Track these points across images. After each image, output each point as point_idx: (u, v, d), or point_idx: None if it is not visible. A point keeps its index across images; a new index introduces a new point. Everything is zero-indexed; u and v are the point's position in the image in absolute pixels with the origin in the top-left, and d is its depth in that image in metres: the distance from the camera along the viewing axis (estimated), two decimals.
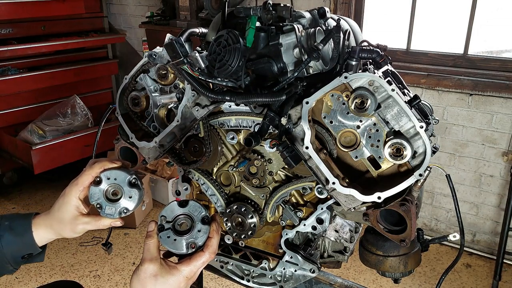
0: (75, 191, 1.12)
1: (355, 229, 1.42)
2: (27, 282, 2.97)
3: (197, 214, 1.05)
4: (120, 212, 1.12)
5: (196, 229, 1.04)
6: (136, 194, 1.11)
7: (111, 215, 1.11)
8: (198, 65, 1.14)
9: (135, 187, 1.12)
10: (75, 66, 4.30)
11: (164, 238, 1.03)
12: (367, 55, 1.25)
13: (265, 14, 1.14)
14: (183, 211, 1.06)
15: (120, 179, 1.11)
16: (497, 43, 3.25)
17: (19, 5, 3.74)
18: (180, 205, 1.06)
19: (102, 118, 1.42)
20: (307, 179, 1.24)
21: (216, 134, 1.32)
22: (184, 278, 0.99)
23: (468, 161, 3.14)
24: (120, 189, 1.11)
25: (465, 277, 3.02)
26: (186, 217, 1.06)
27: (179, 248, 1.03)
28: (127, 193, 1.11)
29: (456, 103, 3.07)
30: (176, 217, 1.05)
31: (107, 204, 1.11)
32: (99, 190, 1.11)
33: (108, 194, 1.12)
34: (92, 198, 1.11)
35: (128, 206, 1.11)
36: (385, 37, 3.63)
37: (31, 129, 3.78)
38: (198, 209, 1.06)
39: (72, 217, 1.12)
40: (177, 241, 1.03)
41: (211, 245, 1.03)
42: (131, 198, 1.11)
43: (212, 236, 1.04)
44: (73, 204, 1.12)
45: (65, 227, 1.13)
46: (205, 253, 1.02)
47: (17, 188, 4.21)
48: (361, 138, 1.12)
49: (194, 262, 1.01)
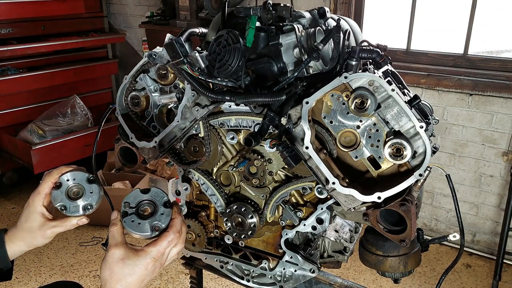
0: (38, 199, 1.17)
1: (355, 229, 1.42)
2: (26, 282, 2.97)
3: (159, 199, 1.08)
4: (84, 208, 1.16)
5: (159, 213, 1.07)
6: (96, 188, 1.17)
7: (76, 212, 1.16)
8: (198, 65, 1.14)
9: (95, 183, 1.17)
10: (75, 66, 4.30)
11: (128, 222, 1.05)
12: (367, 55, 1.25)
13: (265, 14, 1.14)
14: (145, 197, 1.09)
15: (78, 179, 1.17)
16: (497, 43, 3.25)
17: (19, 5, 3.74)
18: (142, 192, 1.09)
19: (102, 118, 1.42)
20: (307, 179, 1.24)
21: (216, 134, 1.32)
22: (152, 259, 1.01)
23: (468, 161, 3.14)
24: (80, 187, 1.17)
25: (465, 277, 3.02)
26: (148, 203, 1.08)
27: (144, 230, 1.05)
28: (88, 189, 1.16)
29: (456, 103, 3.07)
30: (139, 203, 1.08)
31: (71, 203, 1.16)
32: (60, 192, 1.16)
33: (70, 194, 1.16)
34: (55, 201, 1.15)
35: (91, 202, 1.16)
36: (385, 37, 3.63)
37: (31, 129, 3.78)
38: (160, 195, 1.09)
39: (39, 224, 1.17)
40: (141, 225, 1.05)
41: (174, 225, 1.05)
42: (92, 193, 1.17)
43: (175, 217, 1.06)
44: (38, 212, 1.17)
45: (36, 235, 1.18)
46: (169, 233, 1.04)
47: (17, 188, 4.21)
48: (361, 138, 1.12)
49: (160, 242, 1.03)
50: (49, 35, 4.12)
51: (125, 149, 1.39)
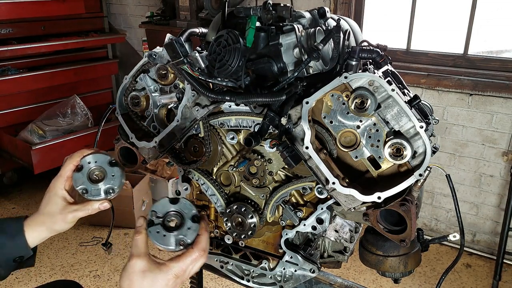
0: (59, 182, 1.14)
1: (355, 229, 1.42)
2: (27, 282, 2.97)
3: (187, 212, 1.05)
4: (106, 192, 1.13)
5: (186, 227, 1.03)
6: (119, 171, 1.14)
7: (98, 196, 1.13)
8: (198, 65, 1.14)
9: (117, 165, 1.14)
10: (75, 66, 4.30)
11: (153, 233, 1.02)
12: (367, 55, 1.25)
13: (265, 14, 1.14)
14: (174, 208, 1.05)
15: (100, 161, 1.14)
16: (497, 43, 3.25)
17: (19, 5, 3.74)
18: (171, 202, 1.06)
19: (102, 118, 1.42)
20: (307, 179, 1.24)
21: (216, 134, 1.32)
22: (173, 275, 0.98)
23: (468, 161, 3.14)
24: (102, 170, 1.13)
25: (465, 277, 3.02)
26: (176, 214, 1.05)
27: (168, 244, 1.01)
28: (110, 172, 1.13)
29: (456, 103, 3.07)
30: (166, 213, 1.04)
31: (92, 186, 1.12)
32: (82, 175, 1.12)
33: (92, 176, 1.13)
34: (76, 183, 1.12)
35: (113, 185, 1.13)
36: (385, 37, 3.63)
37: (31, 129, 3.78)
38: (188, 207, 1.05)
39: (61, 208, 1.13)
40: (166, 237, 1.01)
41: (200, 242, 1.02)
42: (114, 177, 1.13)
43: (202, 234, 1.03)
44: (59, 196, 1.14)
45: (56, 219, 1.14)
46: (194, 250, 1.00)
47: (17, 188, 4.21)
48: (361, 138, 1.12)
49: (184, 258, 0.99)
50: (49, 35, 4.12)
51: (125, 149, 1.39)
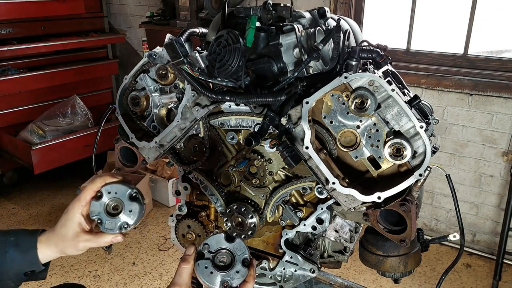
0: (77, 206, 1.11)
1: (355, 229, 1.42)
2: (27, 282, 2.97)
3: (240, 254, 1.03)
4: (121, 227, 1.10)
5: (235, 269, 1.01)
6: (137, 208, 1.09)
7: (111, 230, 1.09)
8: (198, 65, 1.13)
9: (136, 201, 1.10)
10: (75, 66, 4.30)
11: (201, 267, 1.00)
12: (367, 55, 1.25)
13: (265, 14, 1.14)
14: (227, 246, 1.03)
15: (120, 193, 1.10)
16: (497, 43, 3.25)
17: (19, 5, 3.74)
18: (226, 239, 1.04)
19: (102, 118, 1.42)
20: (307, 179, 1.24)
21: (216, 134, 1.32)
22: None
23: (468, 161, 3.14)
24: (121, 203, 1.10)
25: (465, 277, 3.02)
26: (228, 253, 1.03)
27: (213, 282, 1.00)
28: (127, 207, 1.09)
29: (456, 103, 3.07)
30: (219, 250, 1.02)
31: (107, 219, 1.09)
32: (99, 205, 1.09)
33: (109, 208, 1.10)
34: (92, 213, 1.10)
35: (128, 221, 1.09)
36: (385, 37, 3.63)
37: (31, 129, 3.78)
38: (242, 249, 1.03)
39: (74, 234, 1.11)
40: (213, 275, 1.00)
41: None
42: (131, 212, 1.09)
43: (248, 281, 1.01)
44: (75, 221, 1.11)
45: (68, 244, 1.12)
46: None
47: (17, 188, 4.21)
48: (361, 138, 1.12)
49: None
50: (49, 35, 4.13)
51: (125, 149, 1.39)
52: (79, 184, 3.73)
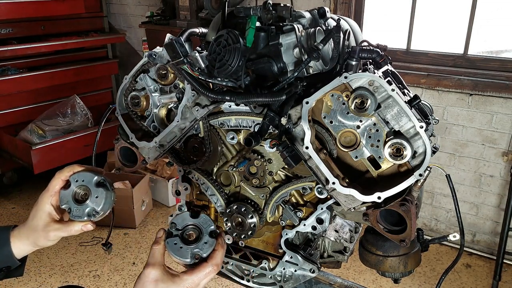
0: (46, 197, 1.12)
1: (355, 229, 1.42)
2: (26, 282, 2.97)
3: (206, 227, 1.07)
4: (89, 214, 1.10)
5: (203, 241, 1.05)
6: (103, 193, 1.10)
7: (79, 217, 1.10)
8: (198, 65, 1.13)
9: (103, 187, 1.11)
10: (75, 66, 4.31)
11: (171, 244, 1.04)
12: (367, 55, 1.25)
13: (265, 14, 1.14)
14: (193, 221, 1.07)
15: (87, 180, 1.11)
16: (497, 43, 3.25)
17: (19, 5, 3.75)
18: (192, 216, 1.08)
19: (102, 118, 1.42)
20: (307, 179, 1.24)
21: (216, 134, 1.32)
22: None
23: (468, 161, 3.14)
24: (88, 190, 1.10)
25: (465, 277, 3.02)
26: (195, 228, 1.07)
27: (184, 256, 1.03)
28: (94, 193, 1.10)
29: (456, 103, 3.07)
30: (185, 226, 1.07)
31: (75, 206, 1.10)
32: (68, 193, 1.10)
33: (78, 196, 1.11)
34: (62, 202, 1.10)
35: (96, 207, 1.10)
36: (385, 37, 3.64)
37: (31, 129, 3.79)
38: (208, 223, 1.08)
39: (44, 224, 1.11)
40: (183, 249, 1.03)
41: (215, 257, 1.04)
42: (97, 198, 1.10)
43: (217, 249, 1.05)
44: (45, 211, 1.11)
45: (39, 235, 1.12)
46: (208, 264, 1.02)
47: (17, 188, 4.21)
48: (361, 138, 1.12)
49: (197, 272, 1.01)
50: (49, 35, 4.13)
51: (125, 149, 1.39)
52: None
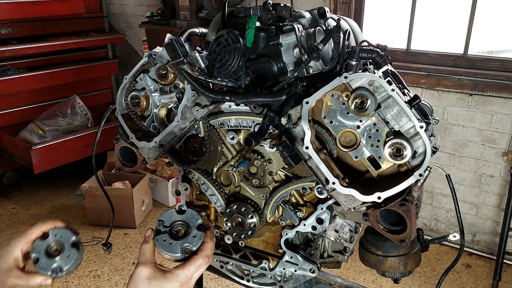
0: (20, 242, 1.12)
1: (355, 229, 1.42)
2: None
3: (193, 221, 1.09)
4: (54, 270, 1.11)
5: (191, 235, 1.07)
6: (75, 254, 1.12)
7: (44, 270, 1.10)
8: (198, 65, 1.14)
9: (76, 248, 1.13)
10: (75, 66, 4.31)
11: (160, 241, 1.06)
12: (367, 55, 1.25)
13: (265, 14, 1.14)
14: (180, 217, 1.09)
15: (65, 237, 1.13)
16: (497, 43, 3.25)
17: (19, 5, 3.75)
18: (178, 212, 1.10)
19: (102, 118, 1.42)
20: (307, 179, 1.24)
21: (216, 134, 1.32)
22: (178, 282, 1.00)
23: (468, 161, 3.14)
24: (62, 246, 1.12)
25: (465, 277, 3.02)
26: (183, 224, 1.09)
27: (174, 251, 1.05)
28: (66, 251, 1.12)
29: (456, 103, 3.07)
30: (173, 222, 1.09)
31: (45, 259, 1.11)
32: (42, 244, 1.12)
33: (50, 250, 1.12)
34: (33, 250, 1.11)
35: (63, 265, 1.11)
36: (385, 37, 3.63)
37: (31, 129, 3.78)
38: (195, 217, 1.09)
39: (7, 268, 1.10)
40: (172, 245, 1.05)
41: (205, 249, 1.05)
42: (68, 257, 1.12)
43: (206, 241, 1.06)
44: (12, 255, 1.11)
45: None
46: (198, 257, 1.03)
47: (17, 188, 4.21)
48: (361, 138, 1.12)
49: (188, 266, 1.02)
50: (49, 35, 4.13)
51: (125, 149, 1.39)
52: (79, 184, 3.73)
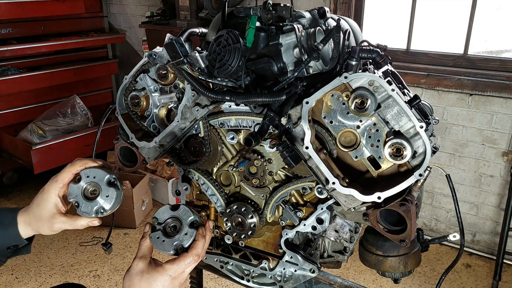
0: (54, 187, 1.11)
1: (355, 229, 1.42)
2: (26, 282, 2.97)
3: (185, 218, 1.09)
4: (97, 211, 1.11)
5: (183, 232, 1.08)
6: (114, 193, 1.11)
7: (87, 213, 1.11)
8: (198, 65, 1.14)
9: (114, 187, 1.12)
10: (75, 66, 4.31)
11: (154, 238, 1.07)
12: (367, 55, 1.25)
13: (265, 14, 1.14)
14: (173, 214, 1.10)
15: (98, 178, 1.11)
16: (497, 43, 3.25)
17: (19, 5, 3.75)
18: (172, 208, 1.10)
19: (102, 118, 1.42)
20: (307, 179, 1.24)
21: (216, 134, 1.32)
22: (169, 276, 1.03)
23: (468, 161, 3.14)
24: (98, 187, 1.11)
25: (465, 277, 3.02)
26: (175, 220, 1.10)
27: (166, 249, 1.07)
28: (105, 192, 1.11)
29: (456, 103, 3.07)
30: (167, 219, 1.10)
31: (84, 202, 1.10)
32: (77, 188, 1.10)
33: (87, 192, 1.11)
34: (70, 195, 1.11)
35: (105, 206, 1.11)
36: (385, 37, 3.63)
37: (31, 129, 3.79)
38: (187, 213, 1.10)
39: (50, 215, 1.11)
40: (165, 242, 1.07)
41: (195, 247, 1.06)
42: (107, 197, 1.11)
43: (197, 239, 1.07)
44: (51, 202, 1.11)
45: (43, 224, 1.12)
46: (188, 255, 1.05)
47: (17, 188, 4.21)
48: (361, 138, 1.12)
49: (178, 262, 1.04)
50: (49, 35, 4.13)
51: (125, 149, 1.39)
52: None
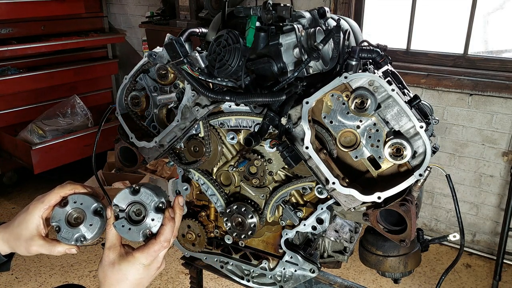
0: (39, 208, 1.07)
1: (355, 229, 1.42)
2: (26, 282, 2.97)
3: (149, 202, 1.01)
4: (77, 239, 1.06)
5: (149, 217, 1.00)
6: (98, 223, 1.06)
7: (67, 240, 1.06)
8: (198, 65, 1.14)
9: (99, 216, 1.07)
10: (75, 66, 4.30)
11: (119, 227, 1.00)
12: (367, 55, 1.25)
13: (265, 14, 1.14)
14: (134, 199, 1.01)
15: (85, 205, 1.07)
16: (497, 43, 3.25)
17: (19, 5, 3.74)
18: (131, 193, 1.01)
19: (102, 118, 1.42)
20: (307, 179, 1.24)
21: (216, 134, 1.32)
22: (142, 265, 0.98)
23: (468, 161, 3.14)
24: (83, 215, 1.06)
25: (465, 277, 3.02)
26: (138, 205, 1.01)
27: (134, 237, 0.99)
28: (89, 220, 1.06)
29: (456, 103, 3.07)
30: (129, 205, 1.01)
31: (66, 228, 1.06)
32: (62, 212, 1.06)
33: (71, 218, 1.07)
34: (53, 219, 1.07)
35: (87, 234, 1.06)
36: (385, 37, 3.63)
37: (31, 129, 3.78)
38: (149, 197, 1.01)
39: (29, 236, 1.08)
40: (132, 231, 0.99)
41: (163, 233, 0.99)
42: (91, 226, 1.06)
43: (165, 224, 1.00)
44: (34, 223, 1.07)
45: (20, 244, 1.08)
46: (156, 242, 0.99)
47: (17, 188, 4.21)
48: (361, 138, 1.12)
49: (147, 250, 0.98)
50: (49, 35, 4.12)
51: (125, 149, 1.39)
52: None
